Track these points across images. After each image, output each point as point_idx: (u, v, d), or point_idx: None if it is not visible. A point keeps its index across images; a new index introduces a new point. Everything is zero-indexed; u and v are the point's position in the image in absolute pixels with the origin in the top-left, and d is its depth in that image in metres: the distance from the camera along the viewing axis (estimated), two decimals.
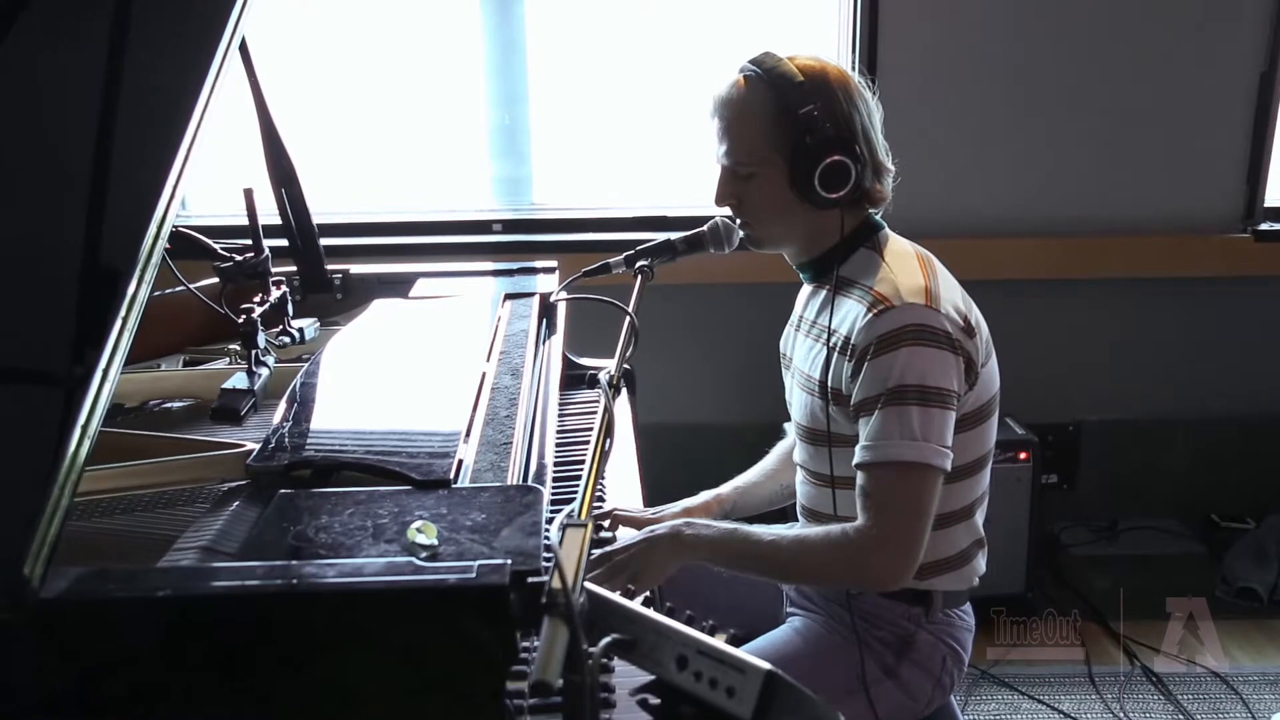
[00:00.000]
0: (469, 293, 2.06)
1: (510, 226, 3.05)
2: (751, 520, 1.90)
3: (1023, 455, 2.65)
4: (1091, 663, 2.60)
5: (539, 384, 1.62)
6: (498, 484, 1.18)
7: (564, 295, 1.74)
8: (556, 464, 1.70)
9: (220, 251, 1.58)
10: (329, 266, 2.21)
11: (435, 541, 1.02)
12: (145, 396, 1.80)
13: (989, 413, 1.54)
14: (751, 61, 1.50)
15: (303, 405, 1.40)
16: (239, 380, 1.42)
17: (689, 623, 0.98)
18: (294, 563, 0.97)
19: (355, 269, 2.24)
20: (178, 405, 1.73)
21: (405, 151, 3.09)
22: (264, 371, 1.46)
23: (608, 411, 1.17)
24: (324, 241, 2.91)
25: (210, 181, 3.11)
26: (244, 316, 1.45)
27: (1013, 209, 2.92)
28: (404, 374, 1.59)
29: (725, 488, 1.82)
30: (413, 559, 0.97)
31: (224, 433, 1.47)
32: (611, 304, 1.42)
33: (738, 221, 1.58)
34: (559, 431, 1.96)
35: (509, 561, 0.95)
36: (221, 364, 1.89)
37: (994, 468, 2.61)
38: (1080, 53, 2.82)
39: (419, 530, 1.02)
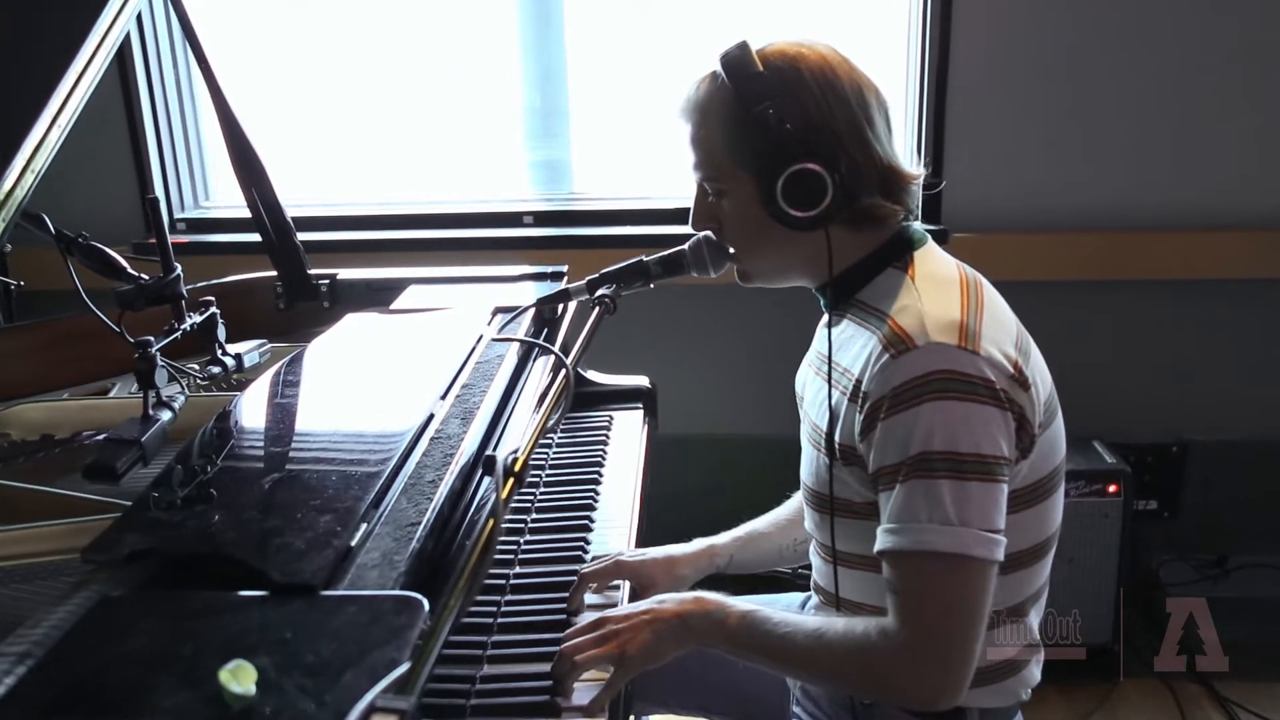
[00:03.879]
0: (459, 304, 1.80)
1: (543, 219, 2.78)
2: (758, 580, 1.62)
3: (1112, 488, 2.28)
4: None
5: (501, 428, 1.35)
6: (374, 591, 0.92)
7: (496, 337, 1.45)
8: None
9: (128, 270, 1.35)
10: (316, 271, 2.01)
11: (251, 691, 0.77)
12: (76, 427, 1.61)
13: (1049, 490, 1.22)
14: (721, 52, 1.20)
15: (191, 460, 1.17)
16: (127, 429, 1.18)
17: None
18: None
19: (344, 274, 2.02)
20: None
21: (431, 137, 2.85)
22: (164, 416, 1.23)
23: (495, 515, 0.87)
24: (336, 236, 2.74)
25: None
26: (139, 351, 1.21)
27: (1107, 198, 2.58)
28: (336, 416, 1.35)
29: (723, 538, 1.53)
30: None
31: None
32: (545, 348, 1.14)
33: (731, 251, 1.29)
34: (552, 467, 1.71)
35: None
36: (173, 389, 1.68)
37: (1077, 502, 2.29)
38: (1157, 36, 2.48)
39: (233, 675, 0.78)
